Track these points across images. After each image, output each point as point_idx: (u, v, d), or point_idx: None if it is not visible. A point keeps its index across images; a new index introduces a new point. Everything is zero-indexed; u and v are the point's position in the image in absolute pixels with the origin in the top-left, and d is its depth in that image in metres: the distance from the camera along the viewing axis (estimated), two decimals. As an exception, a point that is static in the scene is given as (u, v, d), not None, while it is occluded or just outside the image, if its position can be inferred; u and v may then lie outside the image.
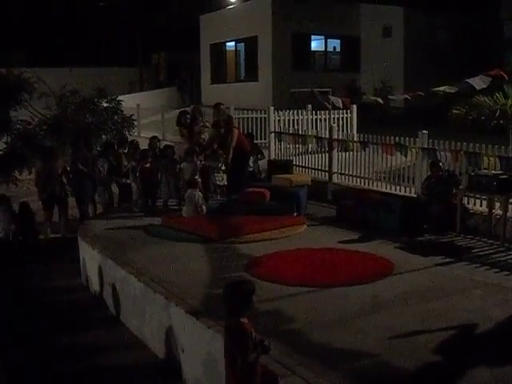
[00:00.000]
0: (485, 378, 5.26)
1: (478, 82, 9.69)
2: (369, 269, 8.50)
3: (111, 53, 37.60)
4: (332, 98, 13.83)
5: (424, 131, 11.84)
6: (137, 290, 8.03)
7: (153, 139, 14.39)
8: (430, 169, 11.10)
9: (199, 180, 12.05)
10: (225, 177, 13.11)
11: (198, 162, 12.71)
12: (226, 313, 4.98)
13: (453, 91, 10.13)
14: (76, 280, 10.47)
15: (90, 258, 9.99)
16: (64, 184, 13.19)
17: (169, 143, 15.68)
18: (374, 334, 6.17)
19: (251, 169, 13.97)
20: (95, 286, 9.71)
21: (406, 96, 13.14)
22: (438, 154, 11.25)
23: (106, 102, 17.01)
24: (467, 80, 9.85)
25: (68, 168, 13.48)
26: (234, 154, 12.60)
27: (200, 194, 11.40)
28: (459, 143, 11.07)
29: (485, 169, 10.32)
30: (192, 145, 13.19)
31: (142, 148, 13.85)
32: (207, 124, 13.89)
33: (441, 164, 11.01)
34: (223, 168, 13.10)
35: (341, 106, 13.13)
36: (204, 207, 11.30)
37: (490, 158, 10.26)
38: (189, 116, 14.02)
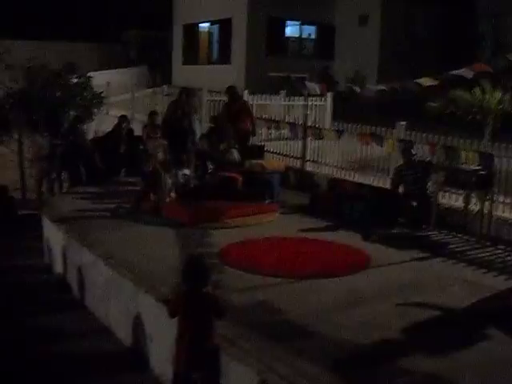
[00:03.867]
0: (462, 375, 5.09)
1: (465, 74, 9.52)
2: (344, 261, 8.30)
3: (83, 28, 36.87)
4: (309, 84, 13.59)
5: (402, 122, 11.64)
6: (103, 274, 7.72)
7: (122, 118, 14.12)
8: (402, 154, 10.91)
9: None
10: None
11: None
12: (190, 286, 5.30)
13: (435, 83, 9.91)
14: (39, 260, 10.11)
15: (54, 238, 9.63)
16: None
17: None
18: (349, 328, 5.99)
19: None
20: (59, 267, 9.35)
21: (383, 87, 12.93)
22: (415, 146, 11.04)
23: (76, 78, 16.54)
24: (453, 72, 9.66)
25: None
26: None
27: (170, 180, 11.02)
28: (437, 136, 10.90)
29: (462, 163, 10.15)
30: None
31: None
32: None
33: (412, 151, 10.79)
34: None
35: (318, 92, 12.89)
36: (173, 194, 10.93)
37: (469, 153, 10.08)
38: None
